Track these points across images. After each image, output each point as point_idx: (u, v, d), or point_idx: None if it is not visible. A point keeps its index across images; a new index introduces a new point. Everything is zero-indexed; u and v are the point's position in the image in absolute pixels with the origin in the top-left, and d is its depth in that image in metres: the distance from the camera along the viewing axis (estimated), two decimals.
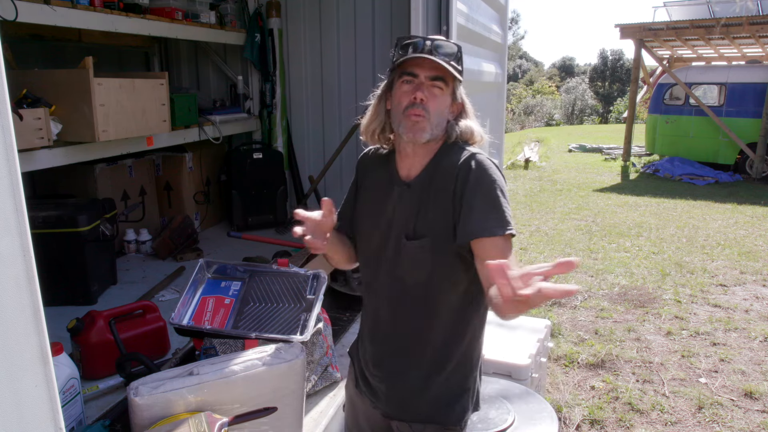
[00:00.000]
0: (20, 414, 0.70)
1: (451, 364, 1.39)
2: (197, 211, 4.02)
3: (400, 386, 1.42)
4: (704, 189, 9.45)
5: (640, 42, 11.26)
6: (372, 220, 1.42)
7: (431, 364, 1.39)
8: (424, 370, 1.40)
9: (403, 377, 1.41)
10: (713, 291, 4.84)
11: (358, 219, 1.48)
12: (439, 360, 1.39)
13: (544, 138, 17.18)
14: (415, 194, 1.35)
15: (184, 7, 3.38)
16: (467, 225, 1.26)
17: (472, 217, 1.26)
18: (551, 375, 3.46)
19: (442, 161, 1.34)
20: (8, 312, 0.68)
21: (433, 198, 1.32)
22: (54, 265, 2.66)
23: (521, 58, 42.23)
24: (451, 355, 1.39)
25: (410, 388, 1.40)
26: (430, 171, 1.35)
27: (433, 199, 1.32)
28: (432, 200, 1.33)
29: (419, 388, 1.40)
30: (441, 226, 1.31)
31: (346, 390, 1.62)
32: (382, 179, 1.43)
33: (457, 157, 1.32)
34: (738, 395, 3.24)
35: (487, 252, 1.22)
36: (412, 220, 1.34)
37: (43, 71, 2.84)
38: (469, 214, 1.26)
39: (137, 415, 1.31)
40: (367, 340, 1.49)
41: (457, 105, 1.37)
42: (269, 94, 4.28)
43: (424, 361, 1.39)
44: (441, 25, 2.56)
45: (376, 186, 1.44)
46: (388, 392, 1.43)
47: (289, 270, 1.88)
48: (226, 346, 1.64)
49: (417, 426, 1.40)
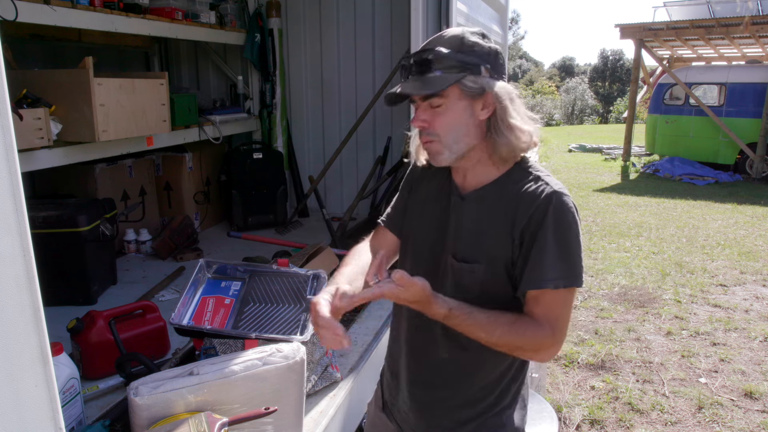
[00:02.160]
0: (20, 414, 0.70)
1: (489, 400, 1.28)
2: (197, 211, 4.02)
3: (430, 419, 1.33)
4: (704, 189, 9.45)
5: (640, 42, 11.26)
6: (423, 231, 1.32)
7: (466, 400, 1.29)
8: (457, 405, 1.29)
9: (434, 411, 1.32)
10: (713, 291, 4.84)
11: (407, 228, 1.38)
12: (475, 395, 1.28)
13: (544, 138, 17.17)
14: (471, 210, 1.23)
15: (184, 7, 3.38)
16: (535, 270, 1.14)
17: (543, 265, 1.13)
18: (551, 375, 3.46)
19: (508, 185, 1.20)
20: (8, 312, 0.68)
21: (492, 222, 1.20)
22: (54, 265, 2.66)
23: (521, 58, 42.23)
24: (488, 390, 1.28)
25: (440, 423, 1.32)
26: (492, 191, 1.21)
27: (490, 223, 1.20)
28: (489, 224, 1.20)
29: (451, 425, 1.31)
30: (495, 255, 1.19)
31: (368, 407, 1.58)
32: (434, 189, 1.32)
33: (531, 188, 1.17)
34: (738, 395, 3.24)
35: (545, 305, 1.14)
36: (466, 240, 1.23)
37: (43, 71, 2.84)
38: (540, 261, 1.14)
39: (137, 415, 1.31)
40: (395, 362, 1.40)
41: (486, 99, 1.17)
42: (269, 94, 4.28)
43: (459, 394, 1.29)
44: (441, 25, 2.56)
45: (429, 196, 1.33)
46: (417, 423, 1.36)
47: (289, 270, 1.88)
48: (226, 346, 1.64)
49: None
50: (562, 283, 1.12)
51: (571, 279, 1.13)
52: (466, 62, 1.15)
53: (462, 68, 1.15)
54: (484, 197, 1.22)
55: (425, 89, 1.15)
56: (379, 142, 4.25)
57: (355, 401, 1.92)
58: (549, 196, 1.15)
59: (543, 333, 1.13)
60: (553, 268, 1.12)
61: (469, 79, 1.15)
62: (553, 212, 1.13)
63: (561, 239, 1.13)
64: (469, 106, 1.17)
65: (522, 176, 1.20)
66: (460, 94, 1.16)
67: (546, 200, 1.14)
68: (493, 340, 1.14)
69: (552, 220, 1.13)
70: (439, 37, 1.21)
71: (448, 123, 1.17)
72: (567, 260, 1.13)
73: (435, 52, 1.16)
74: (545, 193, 1.15)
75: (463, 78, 1.14)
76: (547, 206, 1.14)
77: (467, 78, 1.15)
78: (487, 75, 1.16)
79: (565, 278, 1.13)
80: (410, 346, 1.35)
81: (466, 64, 1.15)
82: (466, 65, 1.15)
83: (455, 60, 1.15)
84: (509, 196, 1.18)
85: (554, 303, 1.14)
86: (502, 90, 1.16)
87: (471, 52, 1.16)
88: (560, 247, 1.13)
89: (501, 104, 1.16)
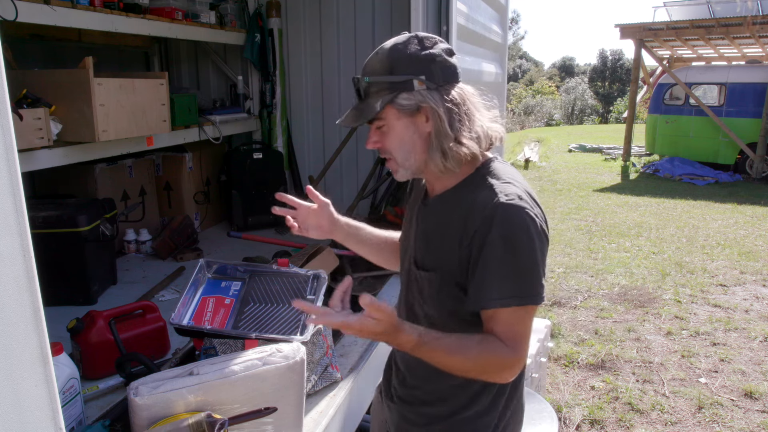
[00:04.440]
0: (20, 414, 0.70)
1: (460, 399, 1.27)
2: (197, 211, 4.02)
3: (411, 417, 1.35)
4: (704, 189, 9.45)
5: (640, 42, 11.26)
6: (402, 239, 1.37)
7: (437, 396, 1.30)
8: (427, 401, 1.31)
9: (414, 409, 1.35)
10: (713, 291, 4.84)
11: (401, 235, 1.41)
12: (444, 392, 1.28)
13: (544, 138, 17.18)
14: (430, 216, 1.23)
15: (184, 7, 3.38)
16: (481, 290, 1.10)
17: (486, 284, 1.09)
18: (551, 375, 3.46)
19: (464, 192, 1.17)
20: (8, 312, 0.67)
21: (444, 229, 1.18)
22: (54, 265, 2.66)
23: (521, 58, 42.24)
24: (459, 388, 1.26)
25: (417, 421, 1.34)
26: (449, 197, 1.20)
27: (443, 230, 1.19)
28: (442, 231, 1.19)
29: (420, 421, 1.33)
30: (448, 264, 1.17)
31: (376, 391, 1.61)
32: (416, 195, 1.35)
33: (481, 198, 1.13)
34: (738, 395, 3.24)
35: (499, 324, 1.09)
36: (423, 247, 1.24)
37: (43, 71, 2.84)
38: (483, 280, 1.10)
39: (137, 415, 1.31)
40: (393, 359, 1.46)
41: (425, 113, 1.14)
42: (269, 94, 4.28)
43: (429, 390, 1.31)
44: (441, 25, 2.55)
45: (412, 202, 1.37)
46: (399, 420, 1.39)
47: (290, 270, 1.88)
48: (226, 346, 1.64)
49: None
50: (514, 302, 1.08)
51: (523, 298, 1.09)
52: (396, 81, 1.13)
53: (392, 89, 1.14)
54: (442, 204, 1.21)
55: (360, 119, 1.17)
56: None
57: (355, 401, 1.92)
58: (495, 208, 1.09)
59: (507, 352, 1.09)
60: (499, 287, 1.08)
61: (402, 97, 1.13)
62: (498, 226, 1.08)
63: (507, 255, 1.08)
64: (410, 123, 1.15)
65: (479, 183, 1.16)
66: (398, 114, 1.15)
67: (491, 213, 1.09)
68: (467, 365, 1.11)
69: (497, 234, 1.08)
70: (371, 58, 1.20)
71: (394, 142, 1.18)
72: (516, 278, 1.08)
73: (363, 81, 1.17)
74: (491, 205, 1.10)
75: (395, 98, 1.13)
76: (492, 220, 1.09)
77: (400, 96, 1.13)
78: (423, 87, 1.13)
79: (516, 297, 1.08)
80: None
81: (395, 83, 1.13)
82: (395, 84, 1.13)
83: (384, 83, 1.14)
84: (464, 203, 1.15)
85: (509, 321, 1.09)
86: (438, 101, 1.12)
87: (401, 68, 1.14)
88: (507, 264, 1.08)
89: (437, 119, 1.13)
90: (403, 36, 1.18)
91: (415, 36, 1.17)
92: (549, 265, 5.53)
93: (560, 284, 5.03)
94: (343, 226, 1.45)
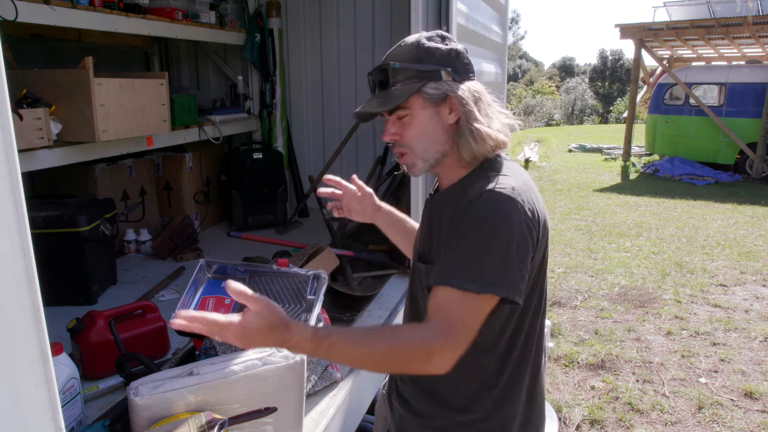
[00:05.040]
0: (20, 414, 0.70)
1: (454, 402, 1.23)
2: (197, 211, 4.02)
3: (409, 417, 1.32)
4: (704, 189, 9.45)
5: (640, 42, 11.26)
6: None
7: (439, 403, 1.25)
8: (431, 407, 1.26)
9: (412, 408, 1.31)
10: (713, 291, 4.85)
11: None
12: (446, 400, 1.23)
13: (544, 138, 17.19)
14: (433, 211, 1.23)
15: (184, 7, 3.38)
16: (439, 265, 1.08)
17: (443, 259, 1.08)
18: (551, 375, 3.46)
19: (466, 187, 1.15)
20: (8, 312, 0.68)
21: (443, 223, 1.18)
22: (54, 265, 2.66)
23: (521, 58, 42.26)
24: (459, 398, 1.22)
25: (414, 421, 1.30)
26: (453, 192, 1.19)
27: (441, 224, 1.18)
28: (440, 225, 1.18)
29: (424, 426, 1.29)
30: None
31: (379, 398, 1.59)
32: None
33: (478, 185, 1.12)
34: (738, 395, 3.24)
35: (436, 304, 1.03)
36: (422, 240, 1.25)
37: (43, 71, 2.84)
38: (442, 254, 1.09)
39: (137, 415, 1.31)
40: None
41: (451, 103, 1.15)
42: (269, 94, 4.28)
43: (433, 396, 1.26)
44: (441, 25, 2.55)
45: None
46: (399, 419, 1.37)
47: (290, 270, 1.88)
48: (226, 346, 1.64)
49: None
50: (456, 283, 1.01)
51: (471, 283, 1.00)
52: (424, 70, 1.15)
53: (421, 77, 1.15)
54: (445, 199, 1.20)
55: (386, 105, 1.16)
56: (379, 142, 4.24)
57: (355, 401, 1.92)
58: (482, 192, 1.08)
59: (433, 335, 1.00)
60: (456, 265, 1.03)
61: (430, 87, 1.14)
62: (477, 207, 1.06)
63: (476, 236, 1.04)
64: (435, 113, 1.16)
65: (479, 177, 1.15)
66: (423, 103, 1.15)
67: (477, 195, 1.08)
68: (377, 354, 1.00)
69: (474, 214, 1.06)
70: (396, 49, 1.20)
71: (416, 133, 1.17)
72: (475, 260, 1.02)
73: (391, 66, 1.17)
74: (480, 190, 1.09)
75: (423, 86, 1.14)
76: (474, 201, 1.08)
77: (428, 86, 1.14)
78: (449, 78, 1.15)
79: (462, 279, 1.01)
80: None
81: (424, 72, 1.15)
82: (424, 73, 1.15)
83: (413, 70, 1.15)
84: (463, 198, 1.13)
85: (451, 303, 1.01)
86: (465, 92, 1.15)
87: (429, 59, 1.15)
88: (474, 246, 1.03)
89: (465, 108, 1.14)
90: (425, 33, 1.21)
91: (437, 33, 1.21)
92: (549, 265, 5.52)
93: (560, 284, 5.03)
94: (385, 213, 1.50)
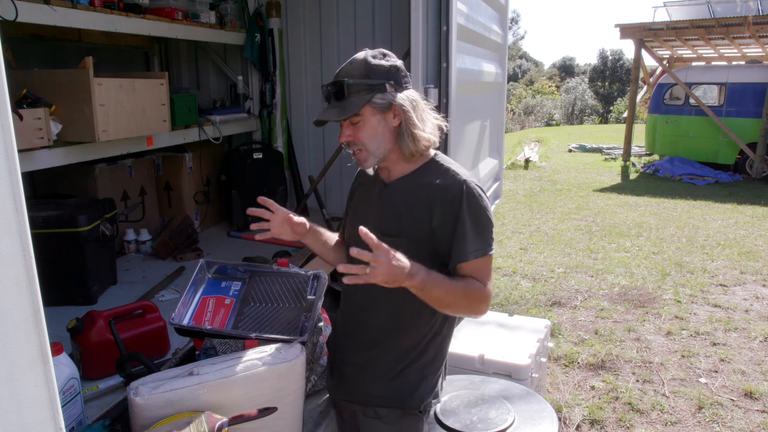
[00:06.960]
0: (20, 414, 0.70)
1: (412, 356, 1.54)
2: (197, 211, 4.02)
3: (364, 375, 1.57)
4: (704, 189, 9.45)
5: (640, 42, 11.26)
6: (358, 219, 1.56)
7: (395, 356, 1.54)
8: (389, 361, 1.55)
9: (368, 367, 1.56)
10: (713, 291, 4.84)
11: (349, 222, 1.65)
12: (402, 352, 1.54)
13: (544, 138, 17.18)
14: (393, 195, 1.51)
15: (184, 7, 3.38)
16: (461, 247, 1.43)
17: (465, 242, 1.42)
18: (551, 375, 3.46)
19: (424, 177, 1.49)
20: (8, 312, 0.67)
21: (411, 204, 1.47)
22: (54, 265, 2.66)
23: (521, 58, 42.24)
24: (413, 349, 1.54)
25: (373, 376, 1.55)
26: (410, 180, 1.50)
27: (409, 205, 1.47)
28: (408, 205, 1.47)
29: (381, 376, 1.54)
30: (415, 231, 1.45)
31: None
32: (367, 184, 1.63)
33: (444, 179, 1.46)
34: (738, 395, 3.24)
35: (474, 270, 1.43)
36: (388, 218, 1.50)
37: (43, 71, 2.84)
38: (462, 240, 1.43)
39: (137, 415, 1.31)
40: (341, 331, 1.67)
41: (394, 109, 1.43)
42: (269, 94, 4.27)
43: (390, 353, 1.54)
44: (441, 25, 2.55)
45: (363, 190, 1.64)
46: (353, 379, 1.58)
47: (290, 270, 1.89)
48: (226, 346, 1.64)
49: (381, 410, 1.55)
50: (480, 253, 1.43)
51: (487, 248, 1.45)
52: (373, 84, 1.42)
53: (370, 90, 1.42)
54: (404, 184, 1.51)
55: (344, 114, 1.42)
56: None
57: None
58: (460, 187, 1.45)
59: (484, 289, 1.44)
60: (472, 244, 1.43)
61: (377, 97, 1.42)
62: (467, 200, 1.43)
63: (476, 221, 1.43)
64: (382, 119, 1.45)
65: (436, 169, 1.50)
66: (373, 111, 1.43)
67: (459, 191, 1.44)
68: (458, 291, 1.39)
69: (467, 206, 1.43)
70: (347, 66, 1.47)
71: (368, 134, 1.45)
72: (482, 237, 1.44)
73: (347, 82, 1.43)
74: (457, 184, 1.45)
75: (372, 97, 1.42)
76: (461, 196, 1.43)
77: (376, 96, 1.42)
78: (392, 89, 1.44)
79: (482, 250, 1.44)
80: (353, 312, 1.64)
81: (372, 85, 1.42)
82: (372, 87, 1.42)
83: (364, 84, 1.42)
84: (427, 185, 1.48)
85: (479, 267, 1.44)
86: (405, 100, 1.44)
87: (375, 74, 1.43)
88: (476, 228, 1.43)
89: (405, 114, 1.44)
90: (370, 51, 1.49)
91: (380, 51, 1.49)
92: (549, 265, 5.54)
93: (560, 284, 5.03)
94: (314, 232, 1.70)
